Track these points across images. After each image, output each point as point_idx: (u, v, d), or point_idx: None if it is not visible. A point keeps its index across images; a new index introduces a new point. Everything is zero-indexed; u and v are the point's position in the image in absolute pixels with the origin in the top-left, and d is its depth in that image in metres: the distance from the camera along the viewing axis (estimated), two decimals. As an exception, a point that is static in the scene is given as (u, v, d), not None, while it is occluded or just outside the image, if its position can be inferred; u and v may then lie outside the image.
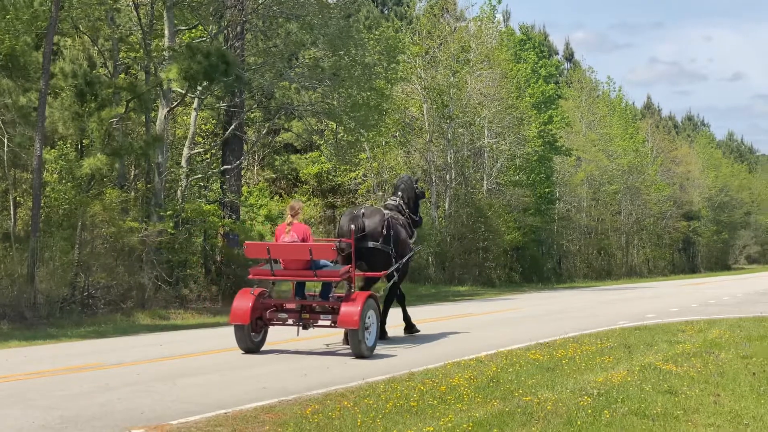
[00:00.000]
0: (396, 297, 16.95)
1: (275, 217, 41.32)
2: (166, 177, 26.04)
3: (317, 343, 15.86)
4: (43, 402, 9.97)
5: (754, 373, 11.91)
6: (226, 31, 28.84)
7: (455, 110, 45.29)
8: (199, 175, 28.44)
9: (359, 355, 13.88)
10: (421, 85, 44.67)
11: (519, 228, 48.38)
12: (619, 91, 78.82)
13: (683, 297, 32.98)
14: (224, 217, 28.02)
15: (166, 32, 25.49)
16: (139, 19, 26.33)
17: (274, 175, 46.78)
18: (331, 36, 29.11)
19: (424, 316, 22.19)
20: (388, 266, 15.93)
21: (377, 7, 69.01)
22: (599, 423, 8.74)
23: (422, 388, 10.44)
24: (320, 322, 14.48)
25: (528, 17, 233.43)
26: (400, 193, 17.45)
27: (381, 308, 15.53)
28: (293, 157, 46.91)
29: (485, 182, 48.43)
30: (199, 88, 25.37)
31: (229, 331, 14.97)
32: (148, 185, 26.41)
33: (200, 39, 27.92)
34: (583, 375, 11.55)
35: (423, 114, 45.12)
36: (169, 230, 24.64)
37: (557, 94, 58.70)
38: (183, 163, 27.21)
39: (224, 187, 28.92)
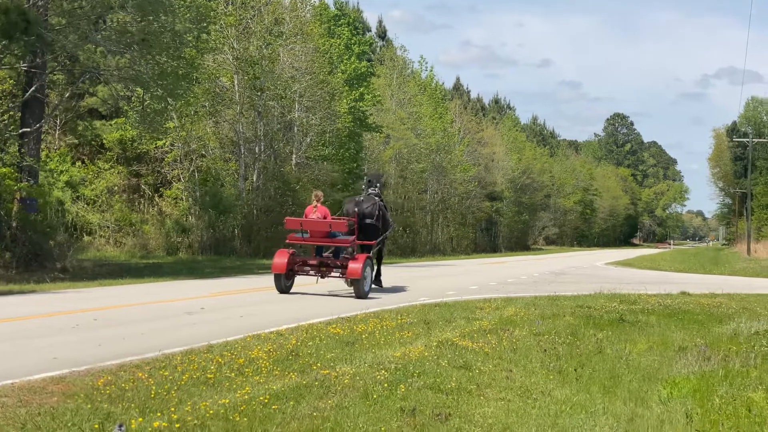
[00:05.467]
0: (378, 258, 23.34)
1: (77, 183, 40.08)
2: (-42, 138, 24.87)
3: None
4: None
5: (545, 350, 12.33)
6: (28, -12, 27.65)
7: (267, 83, 44.96)
8: (-5, 137, 27.26)
9: (360, 297, 19.82)
10: (233, 55, 44.14)
11: (326, 203, 48.47)
12: (431, 71, 79.87)
13: (483, 275, 33.92)
14: (21, 181, 26.94)
15: (-37, -14, 24.21)
16: (-67, -30, 24.93)
17: (76, 141, 45.20)
18: (140, 0, 28.31)
19: (227, 288, 22.07)
20: (377, 237, 22.14)
21: (190, -27, 67.62)
22: (395, 396, 8.84)
23: (220, 360, 10.30)
24: (332, 274, 20.72)
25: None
26: (378, 185, 23.57)
27: (376, 267, 22.34)
28: (97, 123, 45.43)
29: (294, 156, 48.38)
30: (-2, 46, 24.28)
31: (20, 300, 15.07)
32: (-61, 146, 25.11)
33: (0, -5, 26.68)
34: (382, 350, 11.65)
35: (234, 85, 44.64)
36: (-40, 193, 23.57)
37: (370, 72, 59.01)
38: (-22, 124, 26.04)
39: (22, 150, 27.75)
